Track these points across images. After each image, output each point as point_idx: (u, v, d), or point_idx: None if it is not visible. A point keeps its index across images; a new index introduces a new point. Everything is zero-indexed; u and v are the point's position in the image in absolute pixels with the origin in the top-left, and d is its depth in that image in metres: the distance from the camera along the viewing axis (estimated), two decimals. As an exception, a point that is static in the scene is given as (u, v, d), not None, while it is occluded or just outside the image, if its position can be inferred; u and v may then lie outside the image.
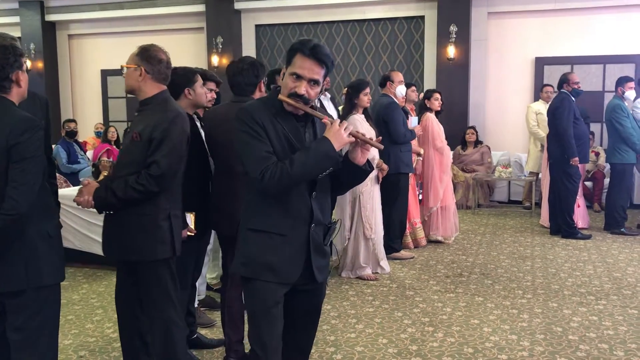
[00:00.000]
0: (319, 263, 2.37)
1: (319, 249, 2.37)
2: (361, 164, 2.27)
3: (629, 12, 8.69)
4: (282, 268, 2.30)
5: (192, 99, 3.32)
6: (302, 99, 2.22)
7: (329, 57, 2.23)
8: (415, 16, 9.70)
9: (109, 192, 2.75)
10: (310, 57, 2.19)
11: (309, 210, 2.30)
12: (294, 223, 2.30)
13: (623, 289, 4.78)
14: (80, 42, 11.76)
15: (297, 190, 2.27)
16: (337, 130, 2.16)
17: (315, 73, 2.21)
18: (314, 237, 2.33)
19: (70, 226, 5.42)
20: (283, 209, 2.29)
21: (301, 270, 2.33)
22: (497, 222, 7.55)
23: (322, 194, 2.35)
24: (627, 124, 6.56)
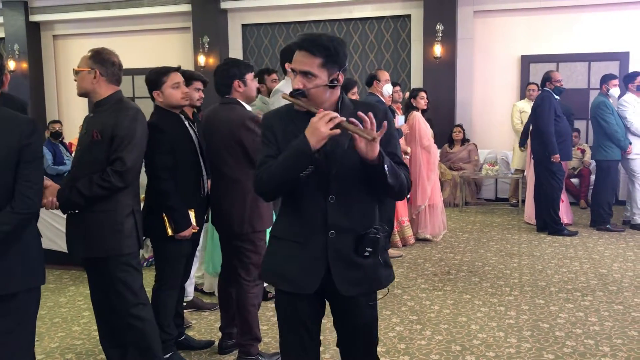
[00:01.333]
0: (344, 275, 2.13)
1: (346, 260, 2.14)
2: (369, 159, 1.98)
3: (613, 11, 8.76)
4: (298, 278, 2.16)
5: (162, 100, 3.33)
6: (300, 93, 2.08)
7: (320, 45, 2.07)
8: (402, 15, 9.72)
9: (73, 191, 2.80)
10: (300, 49, 2.10)
11: (324, 215, 2.12)
12: (310, 230, 2.15)
13: (609, 284, 4.82)
14: (65, 43, 11.67)
15: (309, 194, 2.13)
16: (315, 124, 1.97)
17: (305, 64, 2.07)
18: (335, 245, 2.13)
19: (57, 228, 5.37)
20: (298, 215, 2.17)
21: (319, 281, 2.14)
22: (484, 220, 7.58)
23: (345, 198, 2.13)
24: (611, 121, 6.62)
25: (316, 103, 2.09)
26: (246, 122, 3.26)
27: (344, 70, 2.14)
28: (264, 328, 4.01)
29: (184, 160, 3.32)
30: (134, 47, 11.03)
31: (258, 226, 3.34)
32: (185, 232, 3.25)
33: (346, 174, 2.11)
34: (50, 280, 5.27)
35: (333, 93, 2.14)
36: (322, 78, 2.08)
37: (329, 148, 2.06)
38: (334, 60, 2.09)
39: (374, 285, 2.22)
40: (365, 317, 2.24)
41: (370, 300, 2.22)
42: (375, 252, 2.16)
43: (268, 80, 5.28)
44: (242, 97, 3.38)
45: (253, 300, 3.37)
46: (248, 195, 3.27)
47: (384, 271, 2.21)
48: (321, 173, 2.09)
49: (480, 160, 8.92)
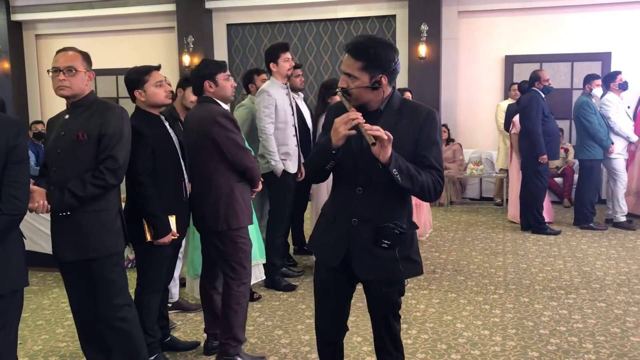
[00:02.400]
0: (361, 259, 2.36)
1: (364, 246, 2.35)
2: (382, 161, 2.16)
3: (596, 12, 8.85)
4: (326, 251, 2.48)
5: (144, 100, 3.28)
6: (345, 92, 2.32)
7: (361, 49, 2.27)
8: (387, 15, 9.74)
9: (66, 192, 2.75)
10: (346, 52, 2.31)
11: (350, 204, 2.36)
12: (337, 213, 2.43)
13: (592, 282, 4.87)
14: (48, 42, 11.54)
15: (343, 183, 2.40)
16: (336, 124, 2.20)
17: (348, 66, 2.31)
18: (358, 232, 2.35)
19: (40, 230, 5.33)
20: (335, 199, 2.48)
21: (340, 259, 2.39)
22: (469, 219, 7.63)
23: (371, 191, 2.33)
24: (594, 121, 6.69)
25: (359, 102, 2.30)
26: (217, 118, 3.25)
27: (390, 73, 2.29)
28: (250, 329, 4.01)
29: (165, 163, 3.24)
30: (118, 47, 10.96)
31: (234, 224, 3.31)
32: (164, 238, 3.18)
33: (372, 170, 2.27)
34: (33, 282, 5.22)
35: (377, 94, 2.30)
36: (362, 80, 2.27)
37: (364, 145, 2.24)
38: (375, 65, 2.25)
39: (387, 274, 2.38)
40: (380, 299, 2.48)
41: (384, 286, 2.41)
42: (394, 246, 2.32)
43: (258, 80, 5.27)
44: (216, 97, 3.38)
45: (239, 299, 3.35)
46: (222, 193, 3.30)
47: (403, 264, 2.35)
48: (351, 166, 2.33)
49: (464, 159, 8.97)
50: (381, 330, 2.56)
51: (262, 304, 4.50)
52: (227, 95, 3.42)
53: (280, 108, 4.68)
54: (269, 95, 4.64)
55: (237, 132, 3.34)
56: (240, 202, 3.34)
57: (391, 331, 2.55)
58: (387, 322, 2.54)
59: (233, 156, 3.29)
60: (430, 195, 2.31)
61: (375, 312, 2.55)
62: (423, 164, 2.29)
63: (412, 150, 2.31)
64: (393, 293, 2.46)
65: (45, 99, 11.66)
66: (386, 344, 2.57)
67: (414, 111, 2.35)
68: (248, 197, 3.46)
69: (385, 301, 2.49)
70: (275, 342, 3.79)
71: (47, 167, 2.96)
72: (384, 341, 2.57)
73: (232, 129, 3.30)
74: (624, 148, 6.85)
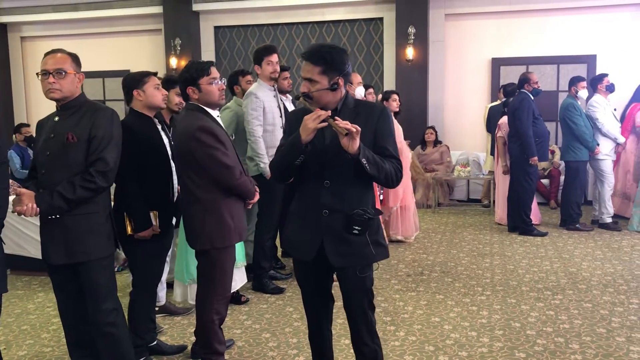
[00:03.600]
0: (335, 248, 2.53)
1: (337, 235, 2.52)
2: (350, 152, 2.35)
3: (581, 14, 8.93)
4: (299, 246, 2.64)
5: (142, 100, 3.38)
6: (306, 95, 2.50)
7: (319, 55, 2.46)
8: (374, 18, 9.77)
9: (55, 195, 2.73)
10: (304, 59, 2.50)
11: (319, 197, 2.52)
12: (308, 208, 2.58)
13: (578, 283, 4.91)
14: (33, 45, 11.46)
15: (309, 179, 2.55)
16: (305, 120, 2.38)
17: (308, 72, 2.49)
18: (328, 223, 2.52)
19: (25, 234, 5.29)
20: (301, 195, 2.63)
21: (315, 251, 2.55)
22: (457, 221, 7.66)
23: (338, 183, 2.51)
24: (580, 123, 6.74)
25: (320, 104, 2.49)
26: (195, 133, 2.99)
27: (344, 75, 2.50)
28: (237, 332, 3.99)
29: (153, 163, 3.35)
30: (105, 49, 10.90)
31: (218, 242, 3.09)
32: (144, 232, 3.26)
33: (339, 164, 2.47)
34: (18, 286, 5.17)
35: (335, 95, 2.51)
36: (322, 83, 2.46)
37: (328, 143, 2.47)
38: (333, 68, 2.46)
39: (361, 259, 2.56)
40: (355, 285, 2.61)
41: (360, 272, 2.57)
42: (364, 231, 2.51)
43: (243, 81, 5.26)
44: (201, 103, 3.12)
45: (212, 316, 3.17)
46: (207, 209, 3.07)
47: (373, 248, 2.55)
48: (317, 161, 2.50)
49: (452, 161, 9.00)
50: (358, 322, 2.66)
51: (249, 307, 4.48)
52: (213, 100, 3.13)
53: (268, 110, 4.68)
54: (257, 97, 4.64)
55: (219, 146, 3.02)
56: (227, 220, 3.09)
57: (368, 322, 2.66)
58: (363, 312, 2.64)
59: (215, 175, 3.04)
60: (392, 181, 2.53)
61: (351, 303, 2.65)
62: (384, 154, 2.52)
63: (370, 143, 2.50)
64: (367, 278, 2.61)
65: (31, 101, 11.56)
66: (363, 336, 2.67)
67: (368, 109, 2.59)
68: (238, 212, 3.18)
69: (360, 288, 2.61)
70: (262, 345, 3.78)
71: (36, 170, 2.94)
72: (361, 333, 2.67)
73: (213, 144, 3.00)
74: (612, 149, 6.91)
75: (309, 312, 2.83)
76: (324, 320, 2.83)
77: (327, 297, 2.79)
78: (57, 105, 2.95)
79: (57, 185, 2.75)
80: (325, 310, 2.81)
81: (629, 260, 5.56)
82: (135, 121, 3.36)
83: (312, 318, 2.83)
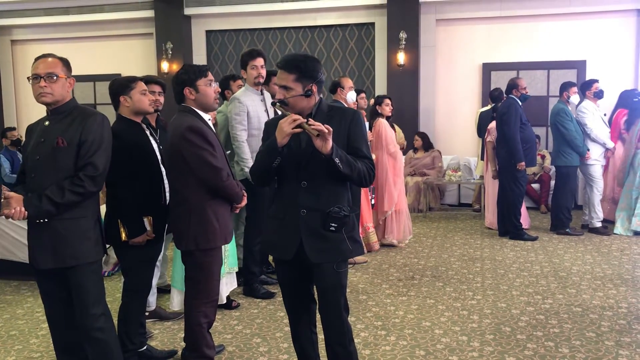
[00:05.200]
0: (313, 245, 2.64)
1: (315, 233, 2.64)
2: (324, 153, 2.47)
3: (571, 20, 9.00)
4: (279, 246, 2.74)
5: (129, 105, 3.39)
6: (282, 102, 2.63)
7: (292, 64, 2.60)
8: (366, 23, 9.80)
9: (44, 199, 2.72)
10: (279, 68, 2.63)
11: (297, 197, 2.64)
12: (287, 208, 2.69)
13: (568, 287, 4.93)
14: (24, 48, 11.41)
15: (287, 181, 2.68)
16: (281, 124, 2.50)
17: (283, 80, 2.62)
18: (307, 221, 2.64)
19: (14, 238, 5.25)
20: (280, 197, 2.75)
21: (295, 249, 2.66)
22: (448, 225, 7.68)
23: (315, 183, 2.64)
24: (570, 128, 6.78)
25: (295, 109, 2.61)
26: (184, 133, 3.03)
27: (318, 82, 2.63)
28: (228, 337, 3.98)
29: (143, 169, 3.36)
30: (96, 53, 10.88)
31: (202, 244, 3.11)
32: (138, 238, 3.29)
33: (315, 165, 2.59)
34: (7, 291, 5.14)
35: (309, 101, 2.64)
36: (297, 90, 2.60)
37: (303, 145, 2.59)
38: (306, 75, 2.60)
39: (338, 255, 2.67)
40: (331, 282, 2.70)
41: (336, 267, 2.68)
42: (340, 228, 2.64)
43: (234, 86, 5.27)
44: (196, 104, 3.16)
45: (199, 319, 3.18)
46: (193, 211, 3.10)
47: (349, 244, 2.68)
48: (294, 164, 2.62)
49: (443, 166, 9.03)
50: (334, 323, 2.74)
51: (240, 312, 4.47)
52: (208, 102, 3.19)
53: (253, 115, 4.67)
54: (240, 102, 4.64)
55: (207, 147, 3.05)
56: (212, 222, 3.11)
57: (343, 323, 2.74)
58: (339, 313, 2.73)
59: (201, 175, 3.06)
60: (365, 180, 2.66)
61: (327, 302, 2.73)
62: (357, 154, 2.65)
63: (344, 145, 2.63)
64: (343, 274, 2.72)
65: (21, 105, 11.51)
66: (338, 337, 2.75)
67: (341, 113, 2.73)
68: (224, 215, 3.21)
69: (336, 285, 2.70)
70: (253, 350, 3.77)
71: (26, 174, 2.93)
72: (336, 335, 2.74)
73: (201, 144, 3.03)
74: (601, 154, 6.95)
75: (290, 314, 2.91)
76: (306, 321, 2.91)
77: (308, 298, 2.88)
78: (47, 110, 2.95)
79: (46, 189, 2.75)
80: (307, 311, 2.89)
81: (618, 265, 5.59)
82: (123, 127, 3.35)
83: (294, 320, 2.91)
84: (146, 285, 3.53)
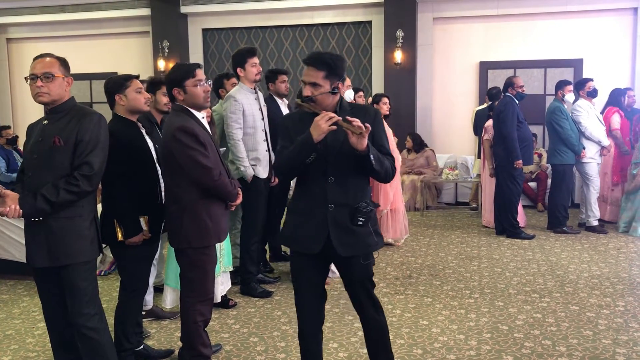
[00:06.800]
0: (341, 239, 2.70)
1: (343, 227, 2.70)
2: (359, 150, 2.54)
3: (568, 19, 9.01)
4: (303, 241, 2.76)
5: (124, 104, 3.37)
6: (309, 99, 2.68)
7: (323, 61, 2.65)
8: (363, 21, 9.80)
9: (39, 198, 2.72)
10: (308, 65, 2.69)
11: (325, 193, 2.69)
12: (313, 204, 2.73)
13: (565, 286, 4.93)
14: (20, 46, 11.38)
15: (314, 177, 2.72)
16: (317, 122, 2.55)
17: (312, 77, 2.66)
18: (334, 216, 2.70)
19: (11, 237, 5.23)
20: (306, 193, 2.77)
21: (322, 244, 2.71)
22: (445, 224, 7.68)
23: (342, 179, 2.70)
24: (566, 126, 6.78)
25: (321, 106, 2.67)
26: (175, 133, 3.03)
27: (342, 80, 2.71)
28: (225, 336, 3.97)
29: (139, 168, 3.35)
30: (92, 51, 10.84)
31: (195, 242, 3.11)
32: (134, 238, 3.29)
33: (342, 161, 2.67)
34: (3, 291, 5.12)
35: (334, 98, 2.72)
36: (325, 87, 2.66)
37: (329, 142, 2.63)
38: (334, 73, 2.67)
39: (365, 248, 2.75)
40: (360, 273, 2.80)
41: (363, 259, 2.77)
42: (367, 222, 2.71)
43: (228, 84, 5.25)
44: (187, 104, 3.15)
45: (195, 318, 3.19)
46: (185, 209, 3.10)
47: (374, 238, 2.76)
48: (323, 160, 2.67)
49: (439, 165, 9.03)
50: (363, 301, 2.85)
51: (237, 311, 4.46)
52: (198, 102, 3.15)
53: (248, 113, 4.65)
54: (236, 100, 4.62)
55: (198, 147, 3.03)
56: (204, 220, 3.11)
57: (371, 298, 2.86)
58: (367, 292, 2.84)
59: (193, 175, 3.06)
60: (389, 176, 2.76)
61: (355, 288, 2.84)
62: (381, 152, 2.72)
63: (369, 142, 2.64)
64: (369, 265, 2.81)
65: (17, 103, 11.47)
66: (369, 311, 2.86)
67: (364, 111, 2.79)
68: (217, 213, 3.19)
69: (364, 275, 2.81)
70: (250, 350, 3.76)
71: (24, 172, 2.93)
72: (367, 309, 2.85)
73: (191, 144, 3.02)
74: (596, 152, 6.95)
75: (300, 310, 2.89)
76: (316, 319, 2.91)
77: (320, 293, 2.88)
78: (45, 109, 2.94)
79: (42, 187, 2.74)
80: (317, 308, 2.89)
81: (615, 263, 5.60)
82: (118, 126, 3.32)
83: (304, 316, 2.89)
84: (143, 284, 3.53)
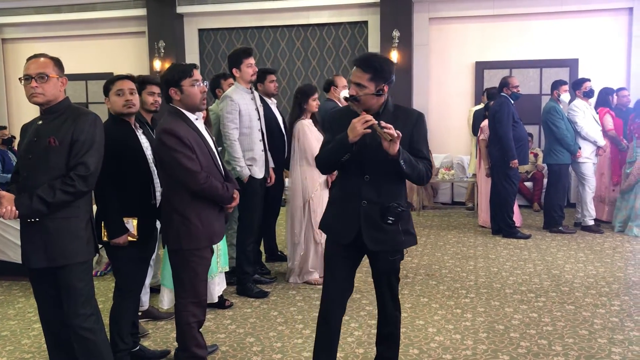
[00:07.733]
0: (371, 235, 2.84)
1: (374, 223, 2.83)
2: (390, 154, 2.64)
3: (564, 19, 9.03)
4: (336, 230, 2.94)
5: (109, 106, 3.41)
6: (353, 98, 2.79)
7: (370, 63, 2.76)
8: (359, 21, 9.80)
9: (35, 198, 2.70)
10: (356, 66, 2.79)
11: (359, 190, 2.83)
12: (348, 198, 2.88)
13: (561, 285, 4.94)
14: (15, 47, 11.34)
15: (351, 174, 2.86)
16: (354, 123, 2.67)
17: (358, 77, 2.77)
18: (367, 212, 2.83)
19: (6, 238, 5.21)
20: (342, 187, 2.96)
21: (353, 236, 2.86)
22: (441, 224, 7.68)
23: (376, 178, 2.82)
24: (561, 126, 6.80)
25: (365, 106, 2.77)
26: (160, 135, 3.01)
27: (389, 83, 2.80)
28: (221, 336, 3.96)
29: (131, 168, 3.33)
30: (88, 52, 10.81)
31: (186, 244, 3.08)
32: (118, 239, 3.26)
33: (378, 161, 2.76)
34: (-2, 292, 5.10)
35: (379, 99, 2.81)
36: (370, 88, 2.76)
37: (368, 142, 2.72)
38: (380, 76, 2.75)
39: (393, 245, 2.88)
40: (386, 266, 2.96)
41: (390, 255, 2.91)
42: (397, 222, 2.81)
43: (224, 84, 5.25)
44: (182, 105, 3.10)
45: (188, 319, 3.16)
46: (176, 211, 3.08)
47: (403, 236, 2.87)
48: (359, 159, 2.79)
49: (436, 165, 9.03)
50: (385, 296, 3.03)
51: (233, 311, 4.46)
52: (194, 103, 3.11)
53: (244, 113, 4.65)
54: (232, 100, 4.62)
55: (182, 150, 2.98)
56: (194, 223, 3.07)
57: (393, 294, 3.03)
58: (390, 286, 3.01)
59: (177, 177, 3.03)
60: (423, 180, 2.85)
61: (381, 279, 3.01)
62: (417, 155, 2.82)
63: (407, 145, 2.78)
64: (396, 261, 2.96)
65: (12, 103, 11.43)
66: (388, 304, 3.03)
67: (406, 113, 2.91)
68: (209, 216, 3.14)
69: (390, 269, 2.97)
70: (247, 350, 3.76)
71: (19, 173, 2.92)
72: (386, 301, 3.03)
73: (175, 147, 2.97)
74: (592, 152, 6.97)
75: (326, 295, 2.97)
76: (339, 306, 2.99)
77: (348, 281, 2.99)
78: (40, 109, 2.93)
79: (38, 188, 2.73)
80: (343, 295, 2.99)
81: (610, 263, 5.62)
82: (109, 127, 3.25)
83: (328, 301, 2.97)
84: (138, 285, 3.51)
